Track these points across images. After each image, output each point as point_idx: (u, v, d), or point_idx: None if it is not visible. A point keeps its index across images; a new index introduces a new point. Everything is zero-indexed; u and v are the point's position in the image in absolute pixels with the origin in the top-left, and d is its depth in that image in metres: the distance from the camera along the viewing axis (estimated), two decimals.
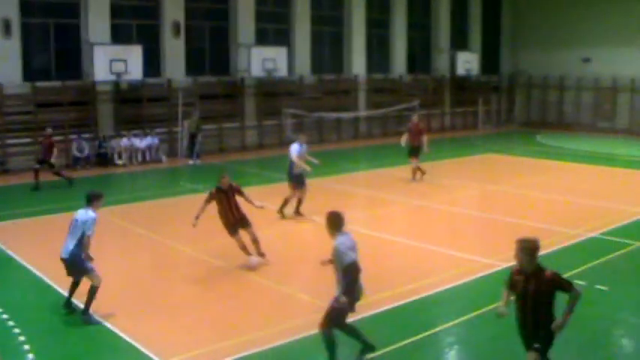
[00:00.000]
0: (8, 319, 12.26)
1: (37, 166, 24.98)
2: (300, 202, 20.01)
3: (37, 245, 17.57)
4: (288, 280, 14.23)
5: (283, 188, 24.37)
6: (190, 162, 31.23)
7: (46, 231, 19.23)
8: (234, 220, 15.13)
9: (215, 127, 34.57)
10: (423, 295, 13.46)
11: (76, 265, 12.11)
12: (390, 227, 19.40)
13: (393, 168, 27.14)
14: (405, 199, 22.69)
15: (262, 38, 36.42)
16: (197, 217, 14.90)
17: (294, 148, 19.90)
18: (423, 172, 25.63)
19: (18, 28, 29.14)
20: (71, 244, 12.02)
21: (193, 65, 34.32)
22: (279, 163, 30.71)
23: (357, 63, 40.67)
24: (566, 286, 8.71)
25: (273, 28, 37.50)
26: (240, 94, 35.61)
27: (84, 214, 12.07)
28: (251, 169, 29.50)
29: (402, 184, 25.22)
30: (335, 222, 10.04)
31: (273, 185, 25.19)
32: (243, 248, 15.04)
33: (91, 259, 12.26)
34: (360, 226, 19.14)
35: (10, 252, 16.77)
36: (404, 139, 25.72)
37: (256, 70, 34.64)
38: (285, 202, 19.64)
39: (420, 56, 45.21)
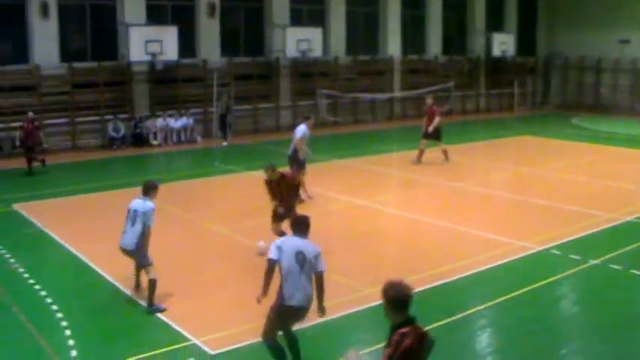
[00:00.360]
0: (46, 296, 12.49)
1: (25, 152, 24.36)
2: (302, 184, 19.46)
3: (73, 224, 17.81)
4: None
5: (317, 168, 24.48)
6: (224, 143, 31.36)
7: (82, 210, 19.50)
8: (277, 212, 14.72)
9: (250, 107, 34.68)
10: (456, 277, 13.44)
11: (140, 256, 12.09)
12: (424, 209, 19.37)
13: (428, 149, 27.05)
14: (439, 181, 22.63)
15: (297, 19, 36.37)
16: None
17: (301, 130, 19.46)
18: (420, 157, 25.47)
19: (55, 9, 29.36)
20: (133, 236, 11.89)
21: (228, 46, 34.35)
22: (314, 143, 30.79)
23: (392, 44, 40.46)
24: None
25: (308, 9, 37.42)
26: (275, 74, 35.64)
27: (142, 204, 12.00)
28: (285, 150, 29.47)
29: (436, 165, 25.14)
30: (292, 224, 9.83)
31: (307, 165, 25.23)
32: (281, 235, 14.96)
33: None
34: (394, 207, 19.24)
35: (47, 230, 17.04)
36: (424, 123, 25.78)
37: (291, 51, 34.66)
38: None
39: (455, 37, 44.89)
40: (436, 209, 19.41)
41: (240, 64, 34.34)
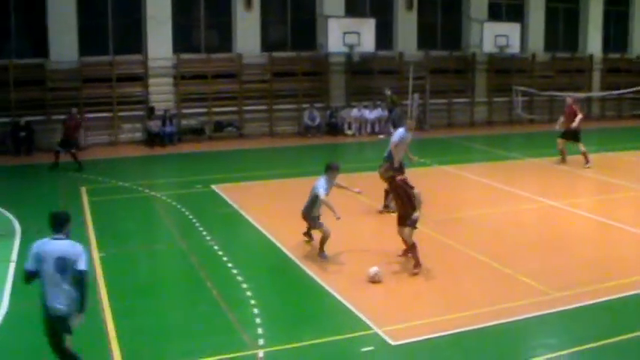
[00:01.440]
0: (237, 274, 13.02)
1: (59, 148, 23.51)
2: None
3: (266, 207, 18.41)
4: (510, 261, 13.92)
5: (511, 166, 24.09)
6: (381, 136, 30.73)
7: (276, 194, 20.13)
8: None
9: (444, 101, 34.56)
10: None
11: (307, 219, 14.25)
12: (619, 214, 18.42)
13: (625, 152, 25.94)
14: (636, 186, 21.52)
15: (495, 13, 35.80)
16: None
17: (398, 134, 17.90)
18: (564, 158, 24.40)
19: (258, 1, 30.47)
20: (306, 204, 14.09)
21: (425, 39, 34.31)
22: (507, 140, 30.33)
23: (593, 41, 38.90)
24: None
25: (507, 3, 36.71)
26: (471, 69, 35.28)
27: (317, 180, 14.01)
28: (478, 146, 29.20)
29: (634, 169, 24.03)
30: (50, 221, 8.64)
31: (499, 163, 24.92)
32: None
33: (337, 218, 13.46)
34: (587, 210, 18.56)
35: (241, 211, 17.78)
36: (559, 123, 24.85)
37: (488, 46, 34.13)
38: (388, 194, 17.09)
39: None
40: (631, 215, 18.46)
41: (436, 58, 34.23)
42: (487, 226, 16.83)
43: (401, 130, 17.94)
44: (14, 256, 14.35)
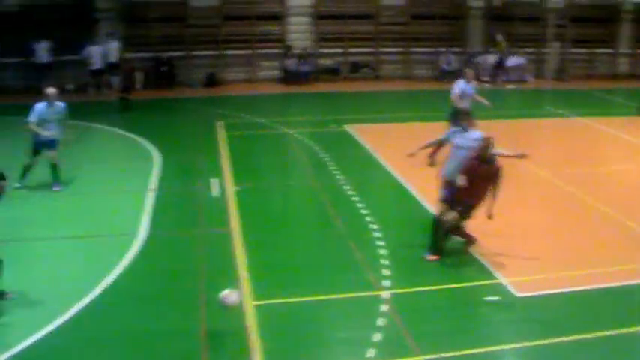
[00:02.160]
0: (367, 215, 13.22)
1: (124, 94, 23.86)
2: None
3: (398, 150, 18.34)
4: None
5: None
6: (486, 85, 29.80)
7: (410, 137, 20.03)
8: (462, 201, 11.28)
9: (586, 51, 33.44)
10: None
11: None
12: None
13: None
14: None
15: None
16: None
17: (458, 85, 17.08)
18: None
19: None
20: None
21: None
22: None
23: None
24: None
25: None
26: (616, 19, 33.91)
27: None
28: (620, 99, 28.18)
29: None
30: None
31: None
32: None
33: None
34: None
35: (373, 152, 17.96)
36: None
37: None
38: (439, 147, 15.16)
39: None
40: None
41: (579, 6, 33.04)
42: (624, 183, 16.32)
43: (460, 82, 17.20)
44: (153, 185, 15.00)
